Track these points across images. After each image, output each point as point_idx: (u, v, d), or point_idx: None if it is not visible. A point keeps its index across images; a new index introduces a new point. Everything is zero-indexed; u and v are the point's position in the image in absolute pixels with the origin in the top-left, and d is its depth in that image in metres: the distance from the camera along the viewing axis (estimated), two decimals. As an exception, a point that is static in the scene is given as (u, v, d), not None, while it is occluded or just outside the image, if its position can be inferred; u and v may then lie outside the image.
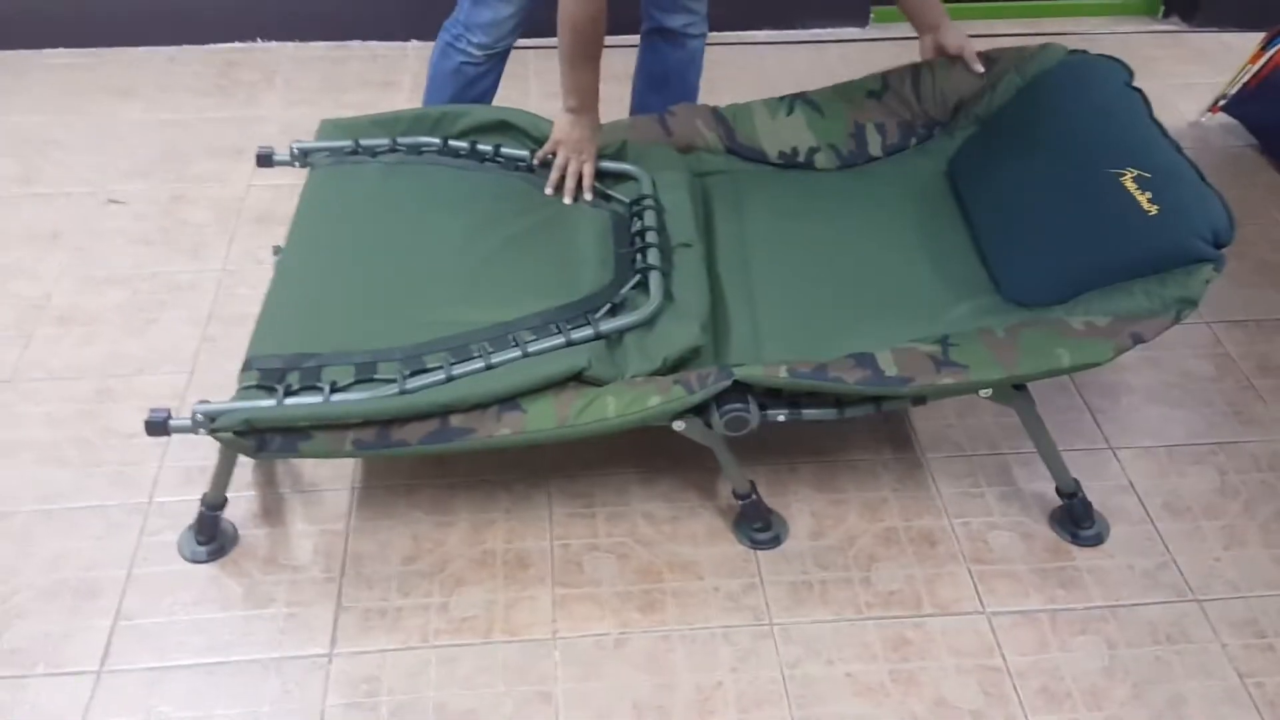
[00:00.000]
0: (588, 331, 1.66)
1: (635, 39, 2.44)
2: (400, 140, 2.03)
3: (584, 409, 1.55)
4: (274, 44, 3.14)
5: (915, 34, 2.14)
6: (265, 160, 2.03)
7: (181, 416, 1.57)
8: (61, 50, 3.07)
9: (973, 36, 2.11)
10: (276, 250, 1.94)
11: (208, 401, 1.57)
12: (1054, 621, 1.67)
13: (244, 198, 2.54)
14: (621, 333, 1.69)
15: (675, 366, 1.64)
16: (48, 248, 2.38)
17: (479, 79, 2.24)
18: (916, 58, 2.14)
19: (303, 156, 2.02)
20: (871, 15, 3.23)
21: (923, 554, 1.77)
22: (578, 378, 1.60)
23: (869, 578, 1.73)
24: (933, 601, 1.70)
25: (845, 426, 1.97)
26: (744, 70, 3.04)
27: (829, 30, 3.21)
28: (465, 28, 2.17)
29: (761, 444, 1.92)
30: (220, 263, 2.34)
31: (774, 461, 1.91)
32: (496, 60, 2.24)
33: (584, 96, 1.90)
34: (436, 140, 2.04)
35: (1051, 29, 3.24)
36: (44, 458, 1.90)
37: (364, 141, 2.03)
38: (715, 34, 3.11)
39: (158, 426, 1.57)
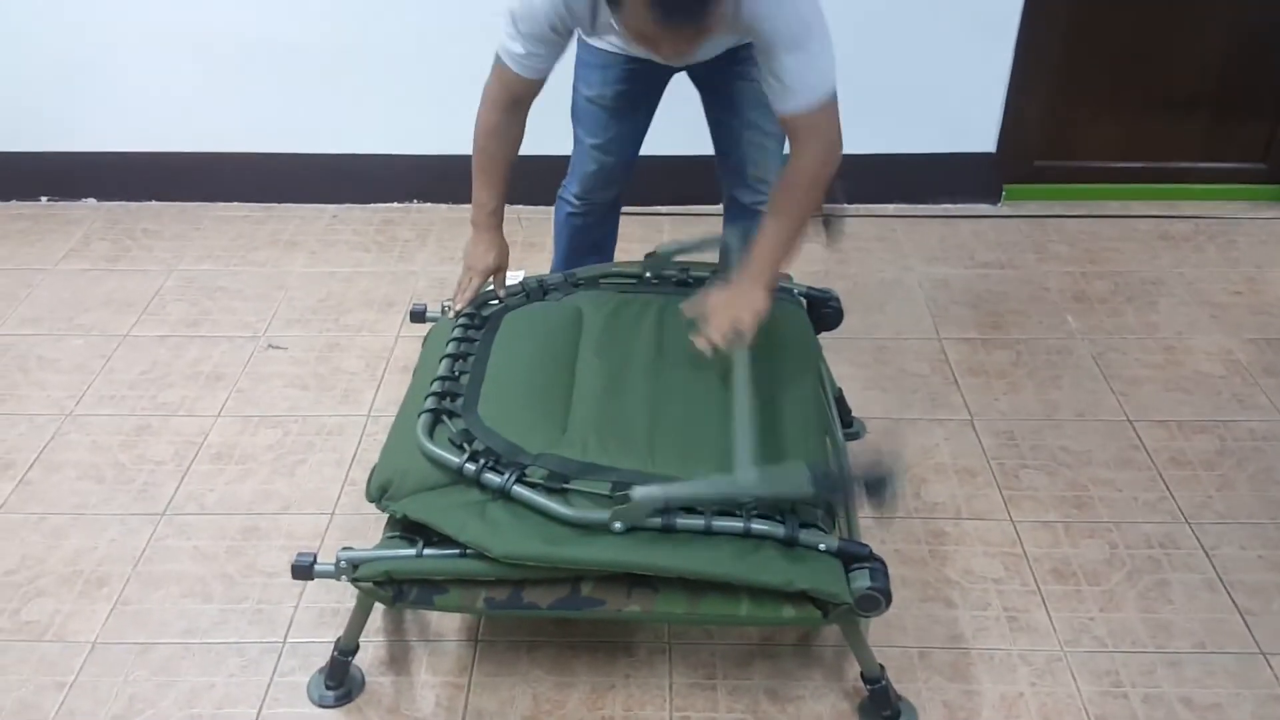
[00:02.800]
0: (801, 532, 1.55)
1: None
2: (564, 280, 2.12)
3: (717, 601, 1.54)
4: (428, 205, 3.35)
5: (1049, 211, 2.19)
6: (418, 316, 2.15)
7: (325, 562, 1.63)
8: (235, 204, 3.34)
9: (1108, 218, 2.12)
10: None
11: (351, 548, 1.63)
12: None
13: (393, 348, 2.68)
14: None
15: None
16: (210, 387, 2.53)
17: (586, 229, 2.34)
18: (1051, 234, 2.15)
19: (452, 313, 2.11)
20: (1004, 193, 3.27)
21: (1060, 754, 1.70)
22: (788, 595, 1.53)
23: (1002, 776, 1.66)
24: (1071, 807, 1.62)
25: (979, 617, 1.92)
26: (877, 242, 3.10)
27: (959, 206, 3.26)
28: (568, 175, 2.30)
29: (890, 625, 1.88)
30: (366, 408, 2.46)
31: (904, 644, 1.86)
32: (602, 212, 2.34)
33: (475, 212, 1.97)
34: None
35: (1189, 211, 3.23)
36: (189, 591, 1.98)
37: (531, 283, 2.10)
38: (851, 206, 3.22)
39: (303, 570, 1.63)
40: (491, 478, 1.57)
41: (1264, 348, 2.63)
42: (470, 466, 1.59)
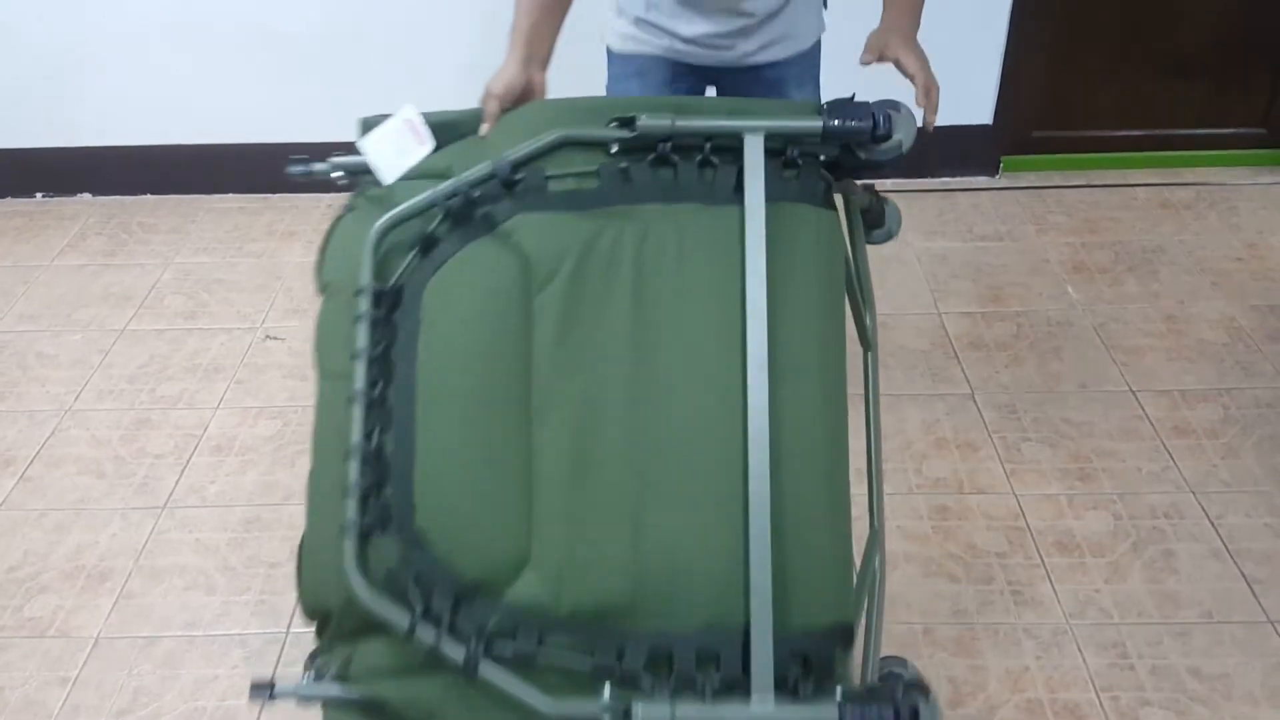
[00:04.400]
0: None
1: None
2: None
3: None
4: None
5: (1048, 182, 2.14)
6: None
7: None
8: (231, 195, 3.32)
9: (1107, 187, 2.10)
10: None
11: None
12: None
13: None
14: None
15: None
16: (209, 380, 2.53)
17: None
18: (1050, 205, 2.11)
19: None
20: (1001, 165, 3.24)
21: None
22: None
23: (1008, 749, 1.65)
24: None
25: (983, 592, 1.91)
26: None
27: (957, 179, 3.23)
28: None
29: (894, 602, 1.88)
30: (364, 398, 2.45)
31: (909, 620, 1.86)
32: None
33: (512, 33, 1.54)
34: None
35: (1189, 179, 3.20)
36: (192, 583, 1.98)
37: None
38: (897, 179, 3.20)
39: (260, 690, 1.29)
40: (452, 650, 1.16)
41: (1267, 314, 2.61)
42: (425, 631, 1.17)
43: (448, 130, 1.40)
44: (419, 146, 1.38)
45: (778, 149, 1.31)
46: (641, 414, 1.23)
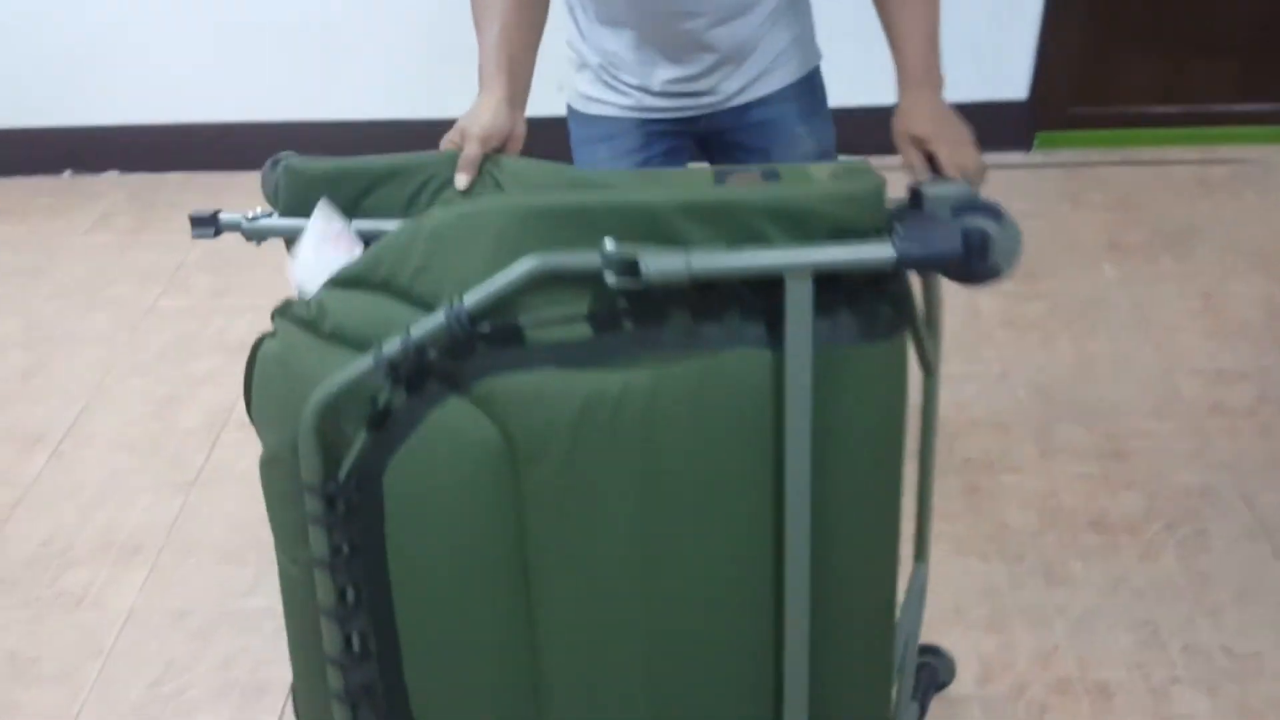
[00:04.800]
0: None
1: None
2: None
3: None
4: (449, 168, 3.32)
5: (1083, 159, 2.05)
6: (206, 223, 1.34)
7: None
8: (256, 173, 3.32)
9: (1144, 164, 2.06)
10: None
11: None
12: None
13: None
14: None
15: None
16: (236, 356, 2.53)
17: None
18: (1085, 182, 2.08)
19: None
20: (1036, 141, 3.20)
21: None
22: None
23: (1040, 729, 1.64)
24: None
25: (1015, 571, 1.90)
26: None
27: (991, 156, 3.18)
28: None
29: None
30: (392, 375, 2.45)
31: (940, 598, 1.84)
32: None
33: (485, 66, 1.33)
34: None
35: (1227, 155, 3.15)
36: (223, 557, 1.99)
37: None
38: (872, 157, 3.17)
39: None
40: None
41: (1306, 292, 2.57)
42: None
43: (413, 175, 1.20)
44: (345, 255, 1.14)
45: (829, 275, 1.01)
46: (657, 591, 1.10)
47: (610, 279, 0.97)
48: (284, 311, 1.09)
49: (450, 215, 1.04)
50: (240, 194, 3.22)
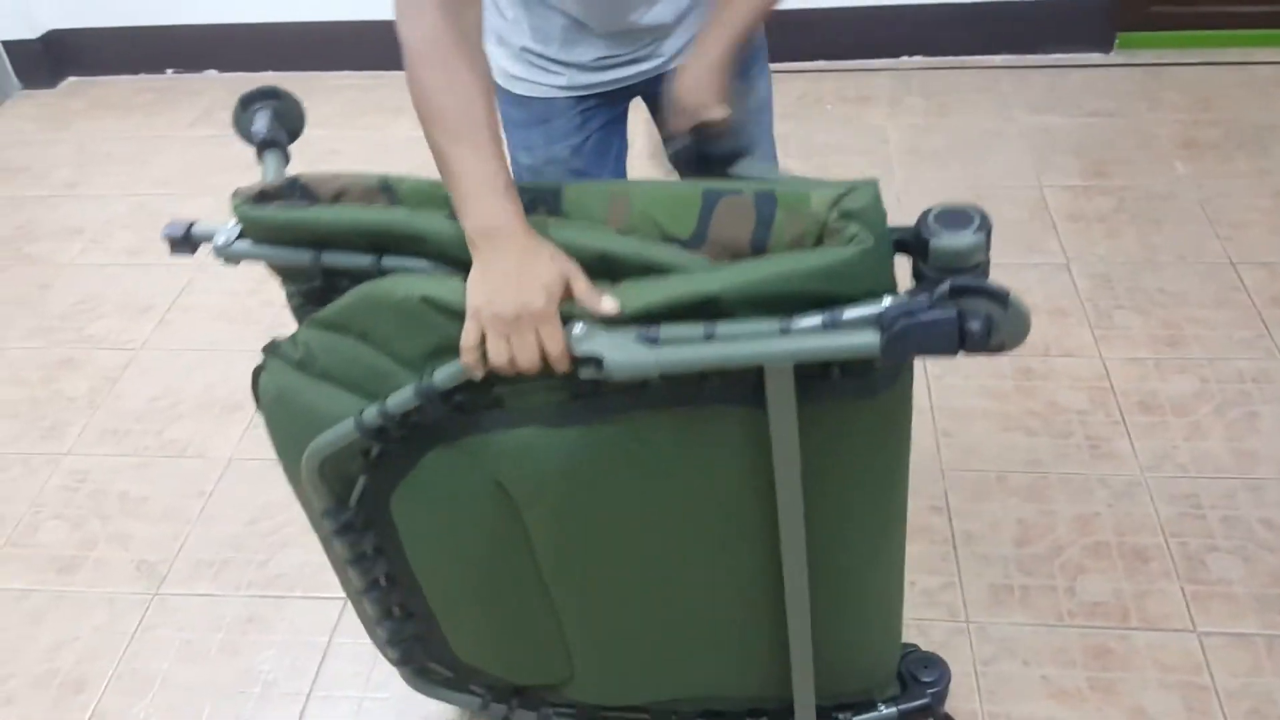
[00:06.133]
0: None
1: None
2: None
3: None
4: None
5: (1164, 59, 1.87)
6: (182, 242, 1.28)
7: None
8: (346, 72, 3.45)
9: (1226, 65, 2.00)
10: None
11: None
12: (1270, 647, 1.60)
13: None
14: None
15: None
16: (326, 240, 2.68)
17: None
18: (1165, 83, 1.98)
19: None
20: (1116, 41, 3.15)
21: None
22: None
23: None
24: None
25: (1060, 444, 1.96)
26: (980, 93, 3.04)
27: (1070, 56, 3.16)
28: None
29: (967, 451, 1.94)
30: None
31: (981, 468, 1.91)
32: None
33: (484, 204, 0.99)
34: None
35: (1318, 56, 3.07)
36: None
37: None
38: (951, 57, 3.16)
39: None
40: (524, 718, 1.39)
41: (1385, 191, 2.53)
42: (496, 709, 1.40)
43: (367, 239, 1.11)
44: None
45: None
46: (666, 586, 1.19)
47: (580, 372, 0.97)
48: (274, 350, 1.15)
49: (415, 290, 1.03)
50: (330, 92, 3.35)
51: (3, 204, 2.95)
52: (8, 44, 3.46)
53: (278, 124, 1.39)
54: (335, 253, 1.13)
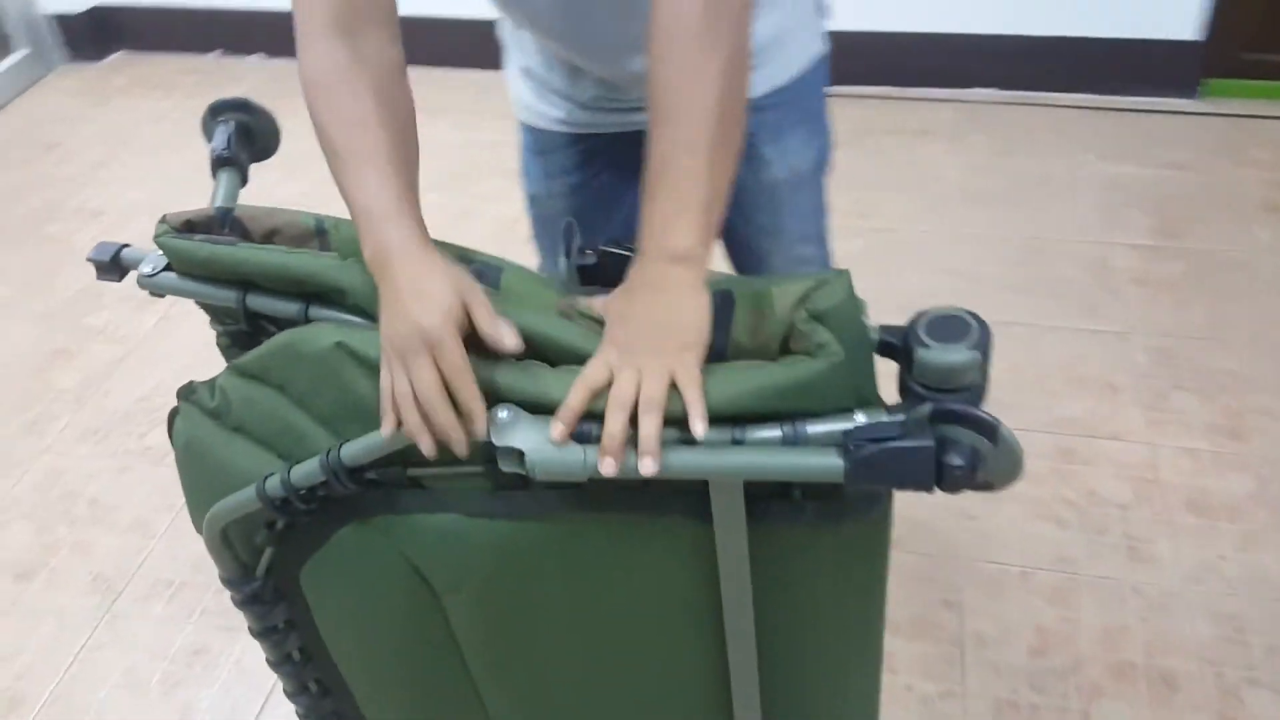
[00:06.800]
0: None
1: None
2: None
3: None
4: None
5: (1254, 111, 1.71)
6: (109, 267, 1.10)
7: None
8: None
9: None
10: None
11: None
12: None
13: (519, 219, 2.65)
14: None
15: None
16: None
17: None
18: (1252, 137, 1.84)
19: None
20: (1202, 87, 2.92)
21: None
22: None
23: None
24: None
25: (1095, 542, 1.77)
26: (1049, 133, 2.84)
27: (1150, 100, 2.93)
28: None
29: (989, 538, 1.76)
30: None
31: (1004, 561, 1.74)
32: None
33: (373, 222, 0.88)
34: None
35: None
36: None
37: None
38: (1022, 92, 2.96)
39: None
40: None
41: None
42: None
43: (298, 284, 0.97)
44: None
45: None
46: (597, 681, 1.05)
47: (500, 462, 0.82)
48: (189, 395, 1.03)
49: (331, 337, 0.89)
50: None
51: (33, 180, 2.90)
52: (58, 17, 3.43)
53: (242, 141, 1.26)
54: (262, 296, 1.01)
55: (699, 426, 0.78)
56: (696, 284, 0.84)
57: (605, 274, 1.07)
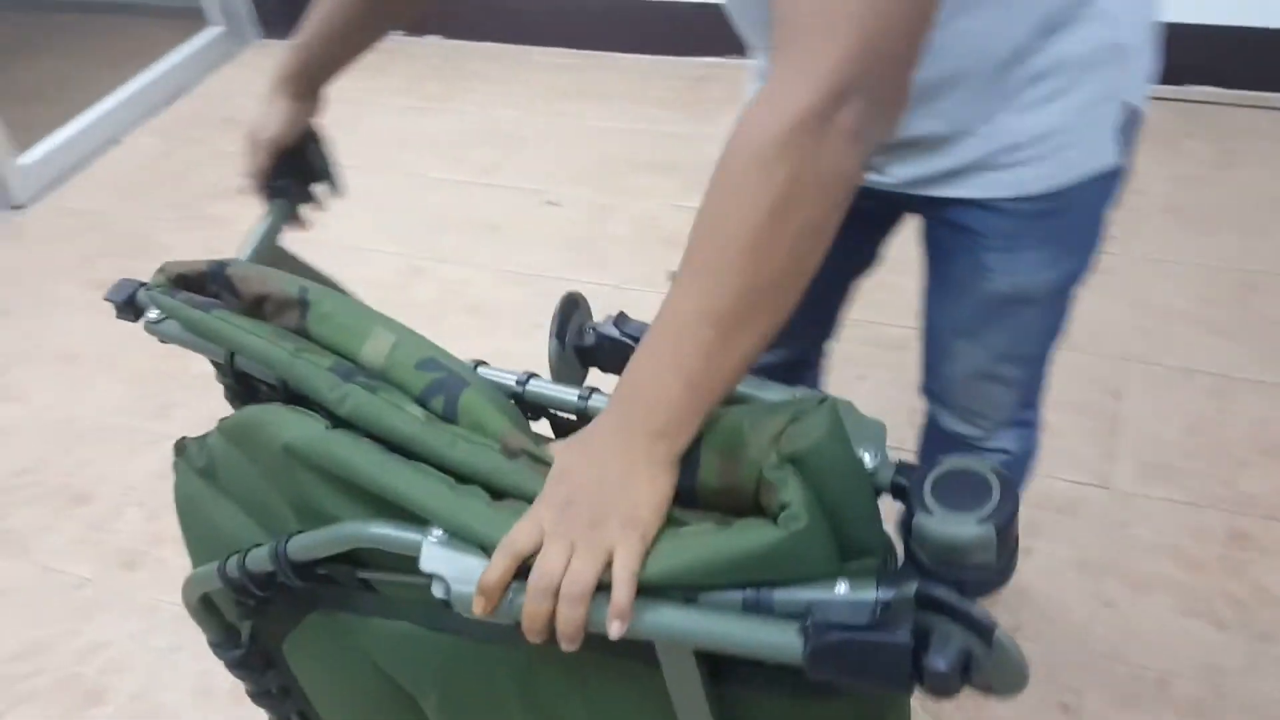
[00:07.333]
0: None
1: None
2: None
3: None
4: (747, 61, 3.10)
5: None
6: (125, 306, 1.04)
7: None
8: (557, 49, 3.28)
9: None
10: (671, 275, 1.78)
11: None
12: None
13: (659, 217, 2.53)
14: None
15: None
16: (483, 238, 2.54)
17: None
18: None
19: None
20: None
21: None
22: None
23: None
24: None
25: (1258, 652, 1.49)
26: (1276, 143, 2.46)
27: (1241, 93, 2.49)
28: None
29: (1128, 632, 1.52)
30: (619, 278, 2.35)
31: (1141, 662, 1.50)
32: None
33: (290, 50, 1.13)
34: None
35: None
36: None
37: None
38: (1252, 93, 2.57)
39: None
40: None
41: None
42: None
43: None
44: None
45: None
46: None
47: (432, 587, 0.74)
48: (182, 452, 1.00)
49: (280, 443, 0.83)
50: (535, 69, 3.20)
51: (208, 158, 3.01)
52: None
53: (299, 169, 1.21)
54: (249, 361, 0.94)
55: (613, 627, 0.67)
56: (664, 461, 0.71)
57: (606, 359, 0.96)
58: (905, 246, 1.24)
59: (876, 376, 2.00)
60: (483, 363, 0.94)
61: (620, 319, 0.94)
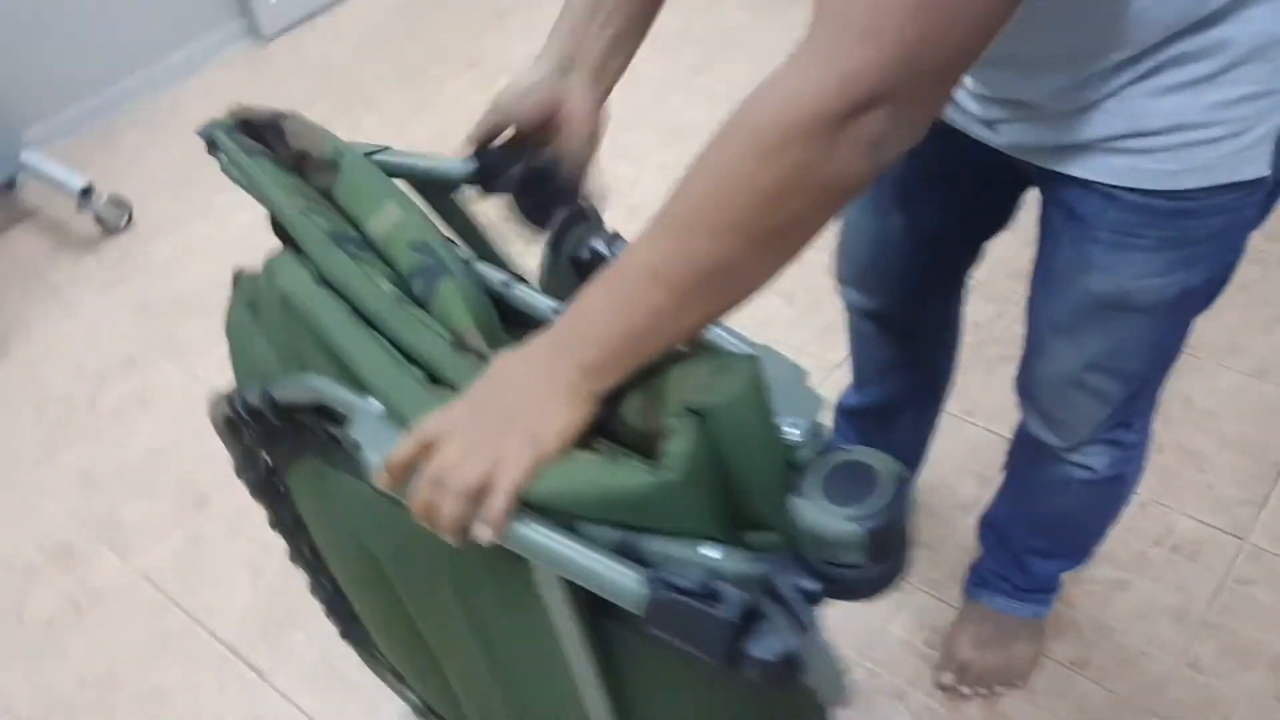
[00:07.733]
0: None
1: None
2: None
3: None
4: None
5: None
6: None
7: None
8: None
9: None
10: None
11: None
12: None
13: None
14: None
15: None
16: (668, 141, 2.50)
17: (875, 344, 1.41)
18: None
19: None
20: None
21: None
22: None
23: None
24: None
25: None
26: None
27: None
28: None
29: (1214, 698, 1.36)
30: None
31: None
32: (893, 329, 1.37)
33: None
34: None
35: None
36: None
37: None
38: None
39: None
40: None
41: None
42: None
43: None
44: None
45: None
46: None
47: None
48: (237, 282, 1.04)
49: (279, 291, 0.90)
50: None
51: (445, 22, 3.08)
52: None
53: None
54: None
55: (482, 531, 0.68)
56: (586, 394, 0.70)
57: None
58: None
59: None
60: None
61: (614, 238, 0.90)
